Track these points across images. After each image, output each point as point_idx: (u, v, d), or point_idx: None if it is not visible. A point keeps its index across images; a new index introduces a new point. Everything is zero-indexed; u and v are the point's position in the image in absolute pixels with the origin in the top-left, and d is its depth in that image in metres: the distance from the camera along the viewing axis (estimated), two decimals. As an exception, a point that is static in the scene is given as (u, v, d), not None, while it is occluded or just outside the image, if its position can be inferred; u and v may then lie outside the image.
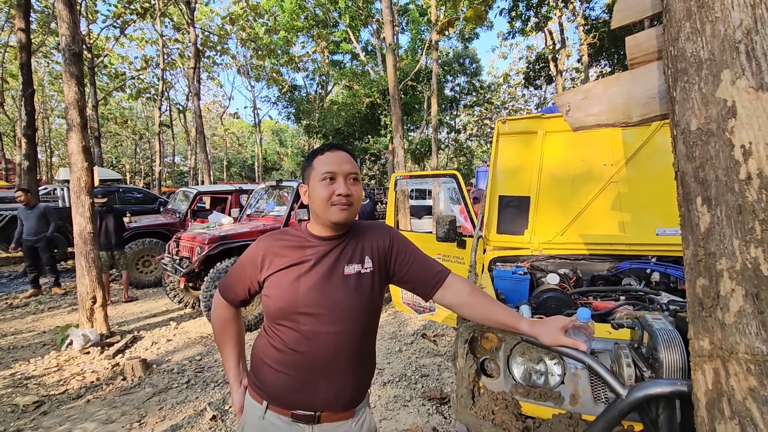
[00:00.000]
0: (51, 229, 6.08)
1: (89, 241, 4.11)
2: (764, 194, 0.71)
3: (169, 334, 4.55)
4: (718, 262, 0.77)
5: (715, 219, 0.77)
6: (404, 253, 1.23)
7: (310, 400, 1.10)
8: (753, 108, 0.73)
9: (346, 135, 15.61)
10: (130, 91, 20.61)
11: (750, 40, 0.73)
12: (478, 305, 1.17)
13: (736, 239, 0.74)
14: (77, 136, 4.10)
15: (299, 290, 1.09)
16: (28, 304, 5.80)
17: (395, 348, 3.98)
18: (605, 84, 1.10)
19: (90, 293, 4.11)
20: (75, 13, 4.13)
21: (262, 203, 6.08)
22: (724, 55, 0.76)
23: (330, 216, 1.11)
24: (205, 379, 3.42)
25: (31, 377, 3.46)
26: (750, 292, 0.72)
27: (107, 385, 3.32)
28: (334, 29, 20.64)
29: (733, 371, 0.75)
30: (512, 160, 2.43)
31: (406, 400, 2.97)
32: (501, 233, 2.32)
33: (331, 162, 1.11)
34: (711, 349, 0.79)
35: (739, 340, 0.73)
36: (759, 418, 0.71)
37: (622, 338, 1.21)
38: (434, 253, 3.04)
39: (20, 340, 4.41)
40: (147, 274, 6.87)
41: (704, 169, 0.79)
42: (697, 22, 0.80)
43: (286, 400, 1.10)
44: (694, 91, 0.81)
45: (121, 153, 37.36)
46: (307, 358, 1.09)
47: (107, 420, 2.81)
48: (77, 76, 4.10)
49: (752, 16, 0.73)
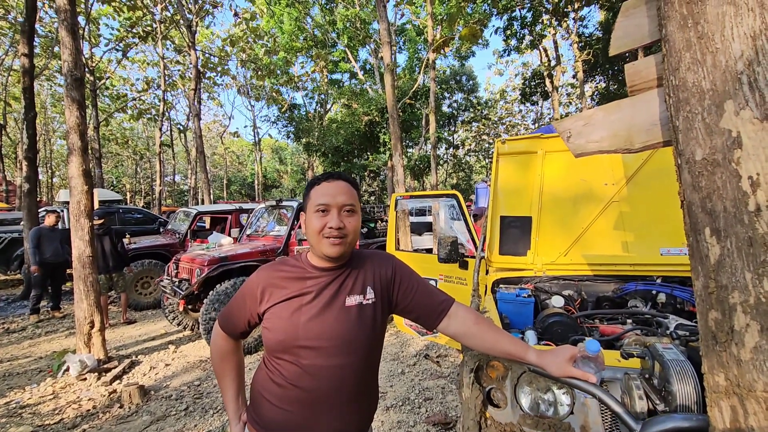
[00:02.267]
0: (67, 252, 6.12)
1: (88, 265, 4.07)
2: (774, 227, 0.70)
3: (167, 358, 4.47)
4: (730, 296, 0.74)
5: (726, 251, 0.75)
6: (407, 283, 1.20)
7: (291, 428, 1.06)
8: (759, 139, 0.72)
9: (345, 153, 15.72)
10: (131, 112, 20.86)
11: (752, 71, 0.73)
12: (483, 334, 1.15)
13: (748, 272, 0.72)
14: (78, 159, 4.11)
15: (299, 323, 1.07)
16: (26, 329, 5.73)
17: (398, 370, 3.90)
18: (606, 110, 1.10)
19: (88, 318, 4.05)
20: (77, 39, 4.19)
21: (263, 223, 6.07)
22: (727, 85, 0.76)
23: (322, 249, 1.08)
24: (203, 405, 3.34)
25: (26, 406, 3.38)
26: (766, 328, 0.70)
27: (104, 414, 3.24)
28: (333, 49, 21.01)
29: (752, 410, 0.72)
30: (513, 180, 2.43)
31: (410, 425, 2.90)
32: (503, 254, 2.30)
33: (326, 193, 1.09)
34: (727, 385, 0.76)
35: (756, 378, 0.71)
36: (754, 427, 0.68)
37: (631, 367, 1.18)
38: (436, 274, 3.01)
39: (16, 366, 4.33)
40: (146, 296, 6.80)
41: (711, 199, 0.78)
42: (698, 52, 0.80)
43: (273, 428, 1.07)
44: (697, 121, 0.80)
45: (121, 173, 37.56)
46: (308, 393, 1.06)
47: (103, 451, 2.73)
48: (78, 100, 4.14)
49: (753, 47, 0.73)
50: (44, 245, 5.87)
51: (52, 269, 6.02)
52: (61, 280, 6.36)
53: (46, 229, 5.97)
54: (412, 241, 5.90)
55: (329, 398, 1.07)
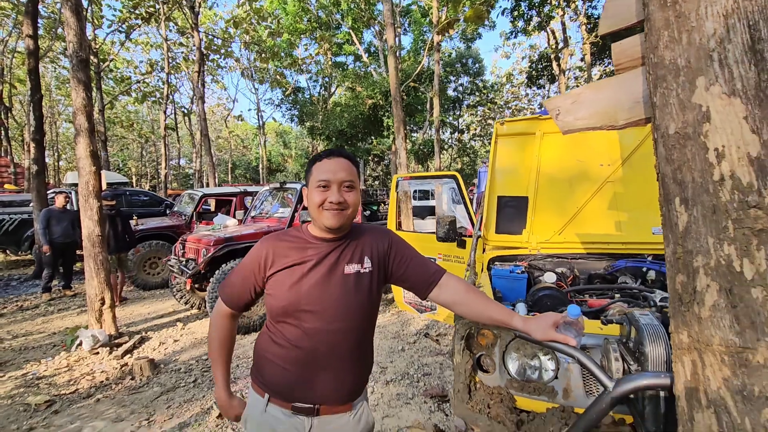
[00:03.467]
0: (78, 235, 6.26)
1: (97, 244, 4.19)
2: (736, 195, 0.75)
3: (176, 334, 4.62)
4: (694, 260, 0.81)
5: (692, 218, 0.81)
6: (402, 254, 1.27)
7: (310, 393, 1.15)
8: (726, 113, 0.77)
9: (349, 136, 15.68)
10: (135, 94, 20.84)
11: (723, 49, 0.77)
12: (473, 303, 1.22)
13: (710, 237, 0.78)
14: (85, 140, 4.18)
15: (301, 289, 1.14)
16: (38, 307, 5.91)
17: (398, 347, 4.02)
18: (593, 88, 1.14)
19: (98, 295, 4.19)
20: (82, 20, 4.22)
21: (267, 205, 6.15)
22: (700, 62, 0.80)
23: (322, 220, 1.15)
24: (211, 378, 3.47)
25: (42, 377, 3.54)
26: (724, 288, 0.76)
27: (116, 385, 3.39)
28: (337, 31, 20.73)
29: (708, 362, 0.79)
30: (510, 161, 2.47)
31: (409, 397, 3.02)
32: (500, 233, 2.36)
33: (327, 170, 1.15)
34: (689, 342, 0.83)
35: (713, 333, 0.78)
36: (732, 407, 0.75)
37: (611, 334, 1.25)
38: (435, 253, 3.09)
39: (31, 341, 4.50)
40: (154, 276, 6.96)
41: (681, 171, 0.83)
42: (675, 31, 0.84)
43: (287, 394, 1.15)
44: (672, 96, 0.85)
45: (127, 156, 37.70)
46: (307, 353, 1.14)
47: (117, 418, 2.88)
48: (85, 81, 4.19)
49: (725, 25, 0.78)
50: (54, 226, 6.00)
51: (63, 249, 6.16)
52: (71, 259, 6.52)
53: (56, 210, 6.09)
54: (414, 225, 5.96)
55: (327, 359, 1.15)
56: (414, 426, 2.60)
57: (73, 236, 6.12)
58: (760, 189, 0.74)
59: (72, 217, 6.17)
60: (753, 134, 0.75)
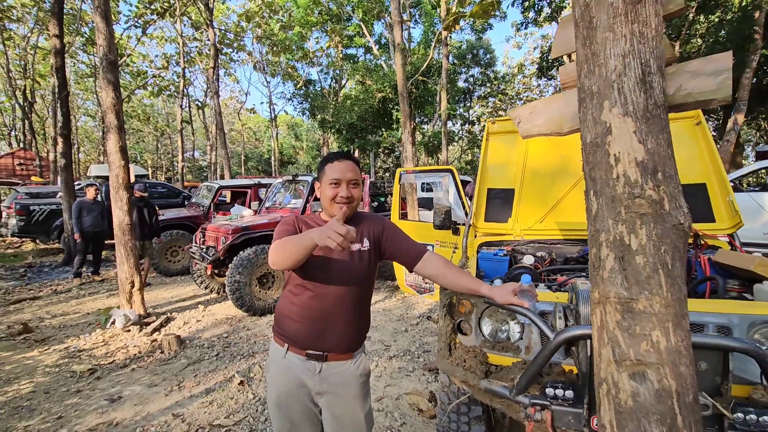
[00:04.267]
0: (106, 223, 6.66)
1: (127, 232, 4.58)
2: (627, 188, 1.03)
3: (198, 315, 5.02)
4: (600, 236, 1.09)
5: (599, 206, 1.09)
6: (393, 236, 1.58)
7: (320, 343, 1.46)
8: (621, 128, 1.04)
9: (359, 129, 15.93)
10: (151, 88, 21.40)
11: (621, 80, 1.05)
12: (449, 274, 1.52)
13: (610, 219, 1.06)
14: (115, 137, 4.55)
15: (315, 262, 1.45)
16: (70, 291, 6.39)
17: (402, 328, 4.34)
18: (545, 102, 1.42)
19: (129, 278, 4.60)
20: (110, 25, 4.56)
21: (280, 196, 6.50)
22: (606, 90, 1.07)
23: (334, 211, 1.47)
24: (232, 352, 3.86)
25: (82, 350, 3.96)
26: (618, 256, 1.05)
27: (148, 357, 3.79)
28: (348, 23, 20.85)
29: (608, 311, 1.07)
30: (500, 157, 2.73)
31: (409, 371, 3.34)
32: (488, 221, 2.64)
33: (338, 170, 1.47)
34: (598, 297, 1.11)
35: (611, 289, 1.06)
36: (622, 342, 1.04)
37: (562, 301, 1.54)
38: (433, 240, 3.38)
39: (68, 320, 4.94)
40: (175, 263, 7.40)
41: (594, 170, 1.11)
42: (591, 65, 1.11)
43: (302, 343, 1.47)
44: (588, 114, 1.12)
45: (143, 149, 38.57)
46: (318, 311, 1.46)
47: (151, 384, 3.26)
48: (114, 82, 4.55)
49: (623, 63, 1.05)
50: (85, 216, 6.46)
51: (93, 238, 6.62)
52: (100, 247, 6.99)
53: (87, 201, 6.54)
54: (420, 215, 6.25)
55: (333, 316, 1.46)
56: (412, 393, 2.92)
57: (102, 225, 6.58)
58: (643, 184, 1.02)
59: (101, 208, 6.62)
60: (639, 144, 1.03)
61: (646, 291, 1.02)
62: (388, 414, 2.72)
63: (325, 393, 1.48)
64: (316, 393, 1.48)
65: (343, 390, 1.49)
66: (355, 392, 1.51)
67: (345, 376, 1.49)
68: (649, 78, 1.04)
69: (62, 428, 2.65)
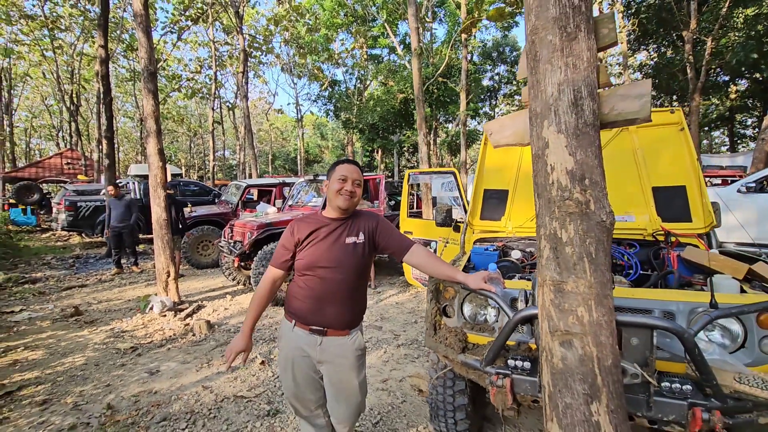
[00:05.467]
0: (133, 219, 7.23)
1: (164, 226, 5.06)
2: (559, 192, 1.27)
3: (225, 304, 5.46)
4: (541, 230, 1.33)
5: (540, 206, 1.33)
6: (385, 231, 1.86)
7: (321, 319, 1.76)
8: (556, 143, 1.28)
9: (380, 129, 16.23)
10: (185, 91, 22.46)
11: (557, 104, 1.29)
12: (431, 263, 1.78)
13: (547, 217, 1.30)
14: (154, 140, 5.03)
15: (319, 252, 1.75)
16: (113, 280, 7.01)
17: (412, 320, 4.61)
18: (511, 118, 1.66)
19: (165, 269, 5.07)
20: (151, 39, 5.04)
21: (302, 195, 6.88)
22: (545, 111, 1.31)
23: (337, 202, 1.77)
24: (255, 337, 4.23)
25: (125, 331, 4.44)
26: (552, 247, 1.29)
27: (181, 339, 4.22)
28: (373, 24, 21.18)
29: (545, 292, 1.32)
30: (497, 160, 2.95)
31: (414, 357, 3.61)
32: (483, 219, 2.87)
33: (345, 170, 1.79)
34: (541, 281, 1.36)
35: (547, 274, 1.30)
36: (554, 316, 1.28)
37: (527, 288, 1.77)
38: (437, 236, 3.62)
39: (111, 306, 5.49)
40: (205, 257, 7.94)
41: (537, 177, 1.35)
42: (536, 90, 1.35)
43: (306, 320, 1.77)
44: (535, 130, 1.37)
45: (177, 148, 40.30)
46: (320, 293, 1.75)
47: (184, 361, 3.67)
48: (153, 91, 5.02)
49: (558, 90, 1.29)
50: (112, 212, 7.05)
51: (119, 232, 7.14)
52: (132, 241, 7.42)
53: (113, 199, 7.12)
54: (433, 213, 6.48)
55: (332, 297, 1.75)
56: (414, 376, 3.20)
57: (127, 221, 7.08)
58: (572, 189, 1.25)
59: (126, 204, 7.13)
60: (569, 156, 1.26)
61: (573, 275, 1.26)
62: (391, 393, 3.00)
63: (325, 362, 1.78)
64: (317, 362, 1.79)
65: (340, 361, 1.78)
66: (350, 364, 1.80)
67: (342, 349, 1.78)
68: (580, 102, 1.28)
69: (110, 394, 3.08)
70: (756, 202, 6.30)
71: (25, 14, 16.74)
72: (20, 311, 5.17)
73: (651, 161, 2.50)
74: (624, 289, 1.76)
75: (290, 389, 1.84)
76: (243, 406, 2.89)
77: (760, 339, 1.49)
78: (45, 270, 7.84)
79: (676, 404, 1.38)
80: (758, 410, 1.39)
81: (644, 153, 2.52)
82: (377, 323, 4.54)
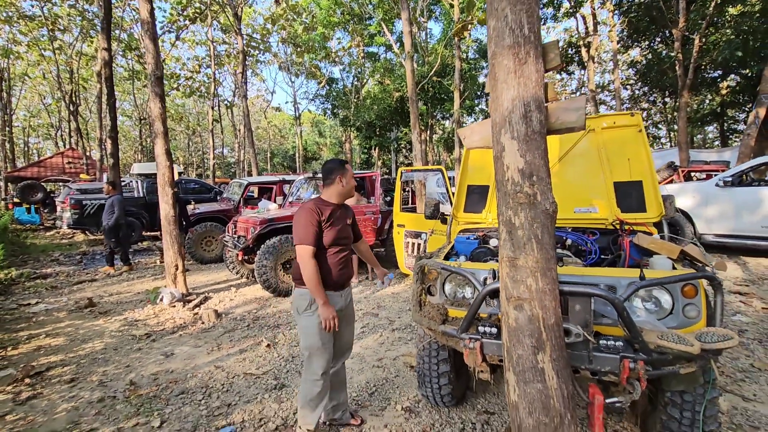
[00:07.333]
0: (113, 219, 7.07)
1: (172, 223, 5.36)
2: (512, 186, 1.59)
3: (231, 295, 5.77)
4: (500, 219, 1.65)
5: (499, 198, 1.65)
6: (355, 220, 2.39)
7: (345, 280, 2.26)
8: (510, 147, 1.60)
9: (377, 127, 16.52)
10: (183, 89, 22.67)
11: (510, 117, 1.60)
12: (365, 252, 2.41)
13: (504, 207, 1.62)
14: (161, 141, 5.32)
15: (337, 228, 2.19)
16: (122, 274, 7.31)
17: (406, 308, 4.94)
18: (481, 125, 1.98)
19: (174, 262, 5.38)
20: (157, 46, 5.32)
21: (302, 191, 7.19)
22: (503, 121, 1.63)
23: (350, 195, 2.25)
24: (260, 324, 4.56)
25: (138, 320, 4.76)
26: (507, 230, 1.61)
27: (191, 326, 4.54)
28: (369, 22, 21.40)
29: (503, 267, 1.64)
30: (479, 159, 3.27)
31: (407, 340, 3.94)
32: (466, 212, 3.19)
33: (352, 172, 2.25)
34: (500, 258, 1.68)
35: (504, 252, 1.63)
36: (510, 286, 1.60)
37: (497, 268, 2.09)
38: (427, 228, 3.94)
39: (123, 298, 5.80)
40: (209, 252, 8.24)
41: (498, 174, 1.67)
42: (496, 104, 1.67)
43: (337, 285, 2.24)
44: (494, 137, 1.68)
45: (175, 146, 40.46)
46: (344, 260, 2.24)
47: (196, 346, 3.99)
48: (160, 95, 5.31)
49: (512, 104, 1.60)
50: (105, 212, 7.20)
51: (106, 231, 7.20)
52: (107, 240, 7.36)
53: (107, 198, 7.29)
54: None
55: (347, 262, 2.25)
56: (406, 354, 3.52)
57: (107, 219, 7.02)
58: (522, 184, 1.57)
59: (110, 203, 7.06)
60: (521, 157, 1.58)
61: (524, 253, 1.58)
62: (386, 369, 3.33)
63: (344, 307, 2.31)
64: (339, 309, 2.24)
65: (349, 299, 2.35)
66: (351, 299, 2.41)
67: (350, 295, 2.37)
68: (529, 114, 1.59)
69: (131, 373, 3.40)
70: (733, 195, 6.65)
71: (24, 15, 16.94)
72: (36, 303, 5.48)
73: (613, 159, 2.83)
74: (578, 268, 2.09)
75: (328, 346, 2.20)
76: (252, 381, 3.21)
77: (683, 306, 1.82)
78: (54, 266, 8.14)
79: (610, 358, 1.71)
80: (678, 362, 1.72)
81: (607, 152, 2.84)
82: (374, 311, 4.87)
